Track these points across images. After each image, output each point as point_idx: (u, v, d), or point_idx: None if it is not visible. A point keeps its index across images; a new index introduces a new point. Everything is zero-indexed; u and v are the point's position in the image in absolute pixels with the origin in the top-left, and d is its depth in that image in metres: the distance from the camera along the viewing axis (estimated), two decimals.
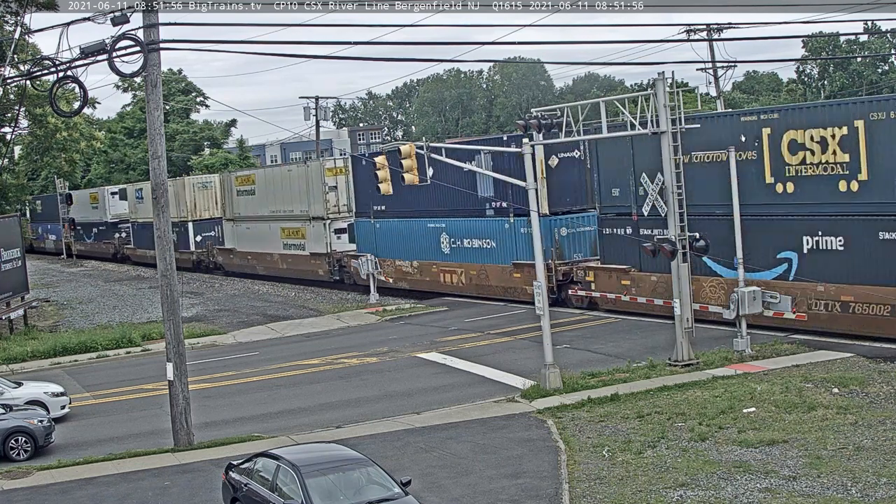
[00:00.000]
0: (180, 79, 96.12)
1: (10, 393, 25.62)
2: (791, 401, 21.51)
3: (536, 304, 25.84)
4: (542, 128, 27.20)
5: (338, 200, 50.49)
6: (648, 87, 57.73)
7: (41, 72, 23.81)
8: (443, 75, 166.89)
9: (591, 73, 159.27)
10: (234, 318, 44.00)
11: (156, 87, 21.92)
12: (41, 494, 19.49)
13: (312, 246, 52.37)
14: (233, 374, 31.16)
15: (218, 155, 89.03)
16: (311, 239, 52.39)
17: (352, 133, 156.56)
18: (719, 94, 54.70)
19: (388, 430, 22.36)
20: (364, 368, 30.34)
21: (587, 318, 35.22)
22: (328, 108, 74.50)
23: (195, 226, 66.71)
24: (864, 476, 16.59)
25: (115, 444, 23.31)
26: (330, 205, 50.76)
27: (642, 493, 16.72)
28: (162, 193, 22.63)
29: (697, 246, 26.77)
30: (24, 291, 46.22)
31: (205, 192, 66.30)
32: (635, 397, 23.25)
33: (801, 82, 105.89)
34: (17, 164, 62.25)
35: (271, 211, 56.05)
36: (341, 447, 16.97)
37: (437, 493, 17.55)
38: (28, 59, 37.86)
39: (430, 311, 40.91)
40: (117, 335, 38.20)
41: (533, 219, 26.08)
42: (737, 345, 26.84)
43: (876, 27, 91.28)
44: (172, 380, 22.31)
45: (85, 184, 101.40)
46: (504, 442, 20.61)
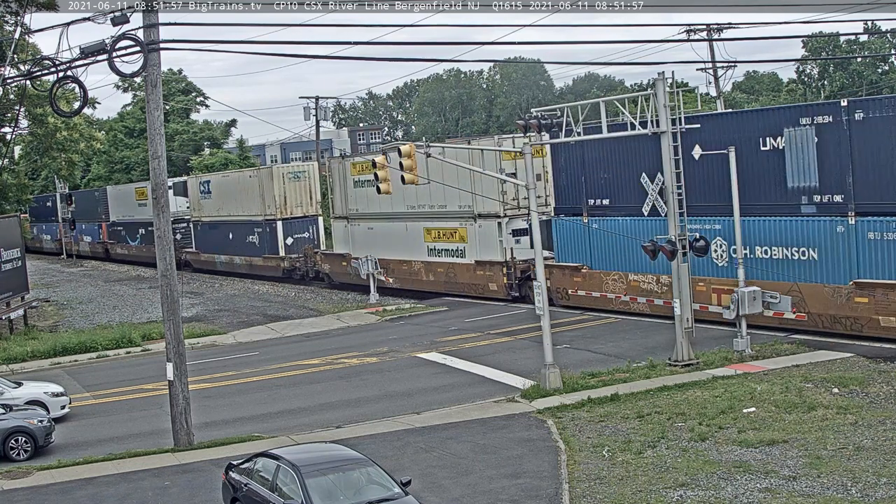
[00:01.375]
0: (180, 79, 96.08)
1: (10, 393, 25.63)
2: (791, 401, 21.51)
3: (536, 304, 25.84)
4: (542, 128, 27.21)
5: (517, 193, 39.18)
6: (648, 87, 57.73)
7: (41, 72, 23.80)
8: (443, 75, 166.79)
9: (591, 73, 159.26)
10: (234, 318, 44.00)
11: (156, 87, 21.92)
12: (41, 494, 19.49)
13: (479, 252, 41.29)
14: (233, 374, 31.15)
15: (218, 155, 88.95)
16: (476, 243, 41.42)
17: (352, 133, 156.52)
18: (719, 94, 54.71)
19: (388, 430, 22.36)
20: (364, 368, 30.34)
21: (587, 318, 35.21)
22: (328, 108, 74.53)
23: (285, 225, 55.93)
24: (864, 476, 16.59)
25: (115, 444, 23.32)
26: (508, 198, 39.62)
27: (642, 493, 16.72)
28: (162, 193, 22.62)
29: (697, 246, 26.78)
30: (24, 291, 46.25)
31: (296, 184, 55.95)
32: (635, 397, 23.25)
33: (801, 82, 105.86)
34: (17, 164, 62.24)
35: (409, 207, 44.46)
36: (341, 447, 16.97)
37: (437, 493, 17.55)
38: (28, 59, 37.86)
39: (430, 311, 40.90)
40: (117, 335, 38.21)
41: (532, 218, 26.07)
42: (737, 345, 26.84)
43: (876, 27, 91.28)
44: (172, 380, 22.31)
45: (85, 184, 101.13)
46: (504, 442, 20.60)
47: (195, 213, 66.04)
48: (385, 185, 28.89)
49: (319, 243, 55.24)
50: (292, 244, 55.70)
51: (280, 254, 55.51)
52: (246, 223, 59.04)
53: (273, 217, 55.72)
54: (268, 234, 56.32)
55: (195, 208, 65.98)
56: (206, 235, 65.20)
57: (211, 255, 64.08)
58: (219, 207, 62.76)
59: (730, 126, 30.76)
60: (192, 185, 66.90)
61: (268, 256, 56.26)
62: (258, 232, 57.51)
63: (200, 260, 65.81)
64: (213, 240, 63.94)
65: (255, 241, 57.99)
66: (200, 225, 65.67)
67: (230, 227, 61.32)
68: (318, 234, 56.19)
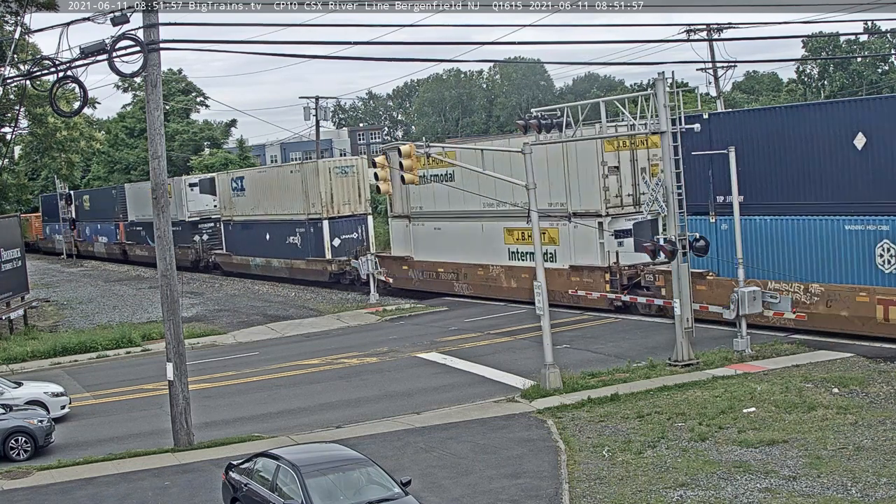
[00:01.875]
0: (180, 79, 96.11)
1: (10, 393, 25.62)
2: (791, 401, 21.51)
3: (536, 304, 25.84)
4: (542, 128, 27.21)
5: (620, 189, 35.35)
6: (648, 87, 57.73)
7: (41, 72, 23.81)
8: (443, 75, 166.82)
9: (591, 73, 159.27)
10: (234, 318, 43.99)
11: (156, 87, 21.92)
12: (41, 494, 19.49)
13: (573, 256, 36.46)
14: (233, 374, 31.15)
15: (218, 155, 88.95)
16: (570, 245, 36.53)
17: (352, 133, 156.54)
18: (719, 94, 54.70)
19: (388, 430, 22.36)
20: (364, 368, 30.34)
21: (587, 318, 35.20)
22: (328, 108, 74.47)
23: (332, 225, 50.97)
24: (864, 476, 16.59)
25: (115, 444, 23.31)
26: (610, 195, 35.30)
27: (642, 493, 16.72)
28: (162, 193, 22.62)
29: (697, 246, 26.79)
30: (24, 291, 46.26)
31: (344, 179, 50.70)
32: (635, 397, 23.25)
33: (801, 82, 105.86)
34: (17, 164, 62.23)
35: (487, 205, 39.02)
36: (341, 447, 16.96)
37: (437, 493, 17.55)
38: (28, 59, 37.87)
39: (430, 311, 40.88)
40: (117, 335, 38.20)
41: (532, 218, 26.07)
42: (737, 345, 26.84)
43: (876, 27, 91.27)
44: (172, 380, 22.31)
45: (85, 184, 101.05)
46: (504, 442, 20.60)
47: (226, 212, 61.09)
48: (385, 186, 28.91)
49: (369, 245, 50.42)
50: (340, 246, 50.68)
51: (326, 256, 50.72)
52: (286, 223, 54.30)
53: (318, 216, 50.86)
54: (312, 234, 51.58)
55: (225, 206, 60.98)
56: (238, 236, 60.17)
57: (245, 258, 59.03)
58: (254, 206, 57.87)
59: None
60: (222, 181, 62.20)
61: (312, 259, 51.57)
62: (300, 232, 52.84)
63: (232, 262, 61.14)
64: (248, 241, 58.95)
65: (296, 242, 53.60)
66: (232, 224, 60.60)
67: (267, 227, 56.43)
68: (367, 234, 50.93)
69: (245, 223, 58.98)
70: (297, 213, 53.31)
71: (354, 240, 50.87)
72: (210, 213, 63.72)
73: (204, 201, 64.33)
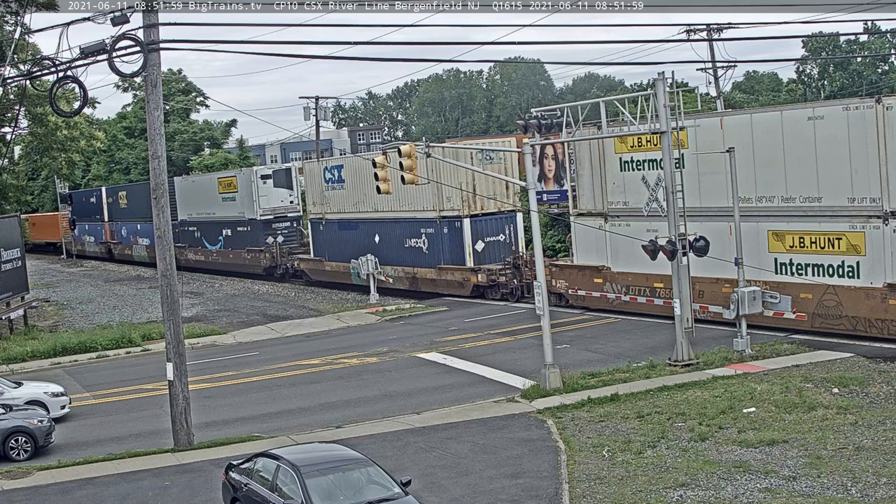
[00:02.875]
0: (180, 79, 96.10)
1: (10, 393, 25.64)
2: (791, 401, 21.51)
3: (536, 304, 25.85)
4: (542, 128, 27.23)
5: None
6: (648, 87, 57.72)
7: (41, 72, 23.84)
8: (443, 75, 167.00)
9: (591, 73, 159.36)
10: (234, 318, 44.00)
11: (156, 87, 21.92)
12: (41, 494, 19.49)
13: (892, 270, 26.83)
14: (233, 374, 31.16)
15: (218, 155, 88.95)
16: (884, 256, 26.93)
17: (352, 133, 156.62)
18: (719, 94, 54.69)
19: (388, 430, 22.36)
20: (364, 368, 30.34)
21: (587, 318, 35.21)
22: (328, 108, 74.43)
23: (474, 225, 41.77)
24: (864, 476, 16.59)
25: (115, 444, 23.31)
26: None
27: (642, 493, 16.72)
28: (162, 193, 22.63)
29: (697, 246, 26.78)
30: (24, 291, 46.28)
31: (489, 168, 40.41)
32: (635, 397, 23.25)
33: (801, 82, 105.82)
34: (17, 164, 62.24)
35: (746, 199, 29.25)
36: (341, 447, 16.96)
37: (437, 493, 17.55)
38: (28, 59, 37.91)
39: (430, 311, 40.88)
40: (117, 335, 38.23)
41: (532, 218, 26.09)
42: (737, 345, 26.84)
43: (876, 27, 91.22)
44: (172, 380, 22.31)
45: (85, 184, 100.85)
46: (504, 442, 20.61)
47: (315, 209, 51.64)
48: (385, 185, 28.87)
49: (519, 248, 42.09)
50: (483, 250, 41.45)
51: (467, 263, 41.50)
52: (407, 222, 44.58)
53: (455, 213, 41.52)
54: (445, 236, 42.15)
55: (316, 203, 51.37)
56: (333, 238, 50.19)
57: (343, 264, 49.23)
58: (357, 201, 47.96)
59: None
60: (312, 171, 51.94)
61: (446, 268, 42.40)
62: (427, 234, 43.50)
63: (324, 270, 51.04)
64: (346, 244, 49.08)
65: (421, 245, 44.36)
66: (325, 224, 50.94)
67: (376, 226, 46.94)
68: (516, 236, 42.35)
69: (344, 222, 49.15)
70: (423, 210, 43.40)
71: (501, 243, 41.92)
72: (286, 211, 55.37)
73: (278, 196, 55.42)
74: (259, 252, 55.61)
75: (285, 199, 55.90)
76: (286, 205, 55.78)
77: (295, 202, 56.08)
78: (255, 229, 55.69)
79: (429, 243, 43.71)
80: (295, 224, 56.17)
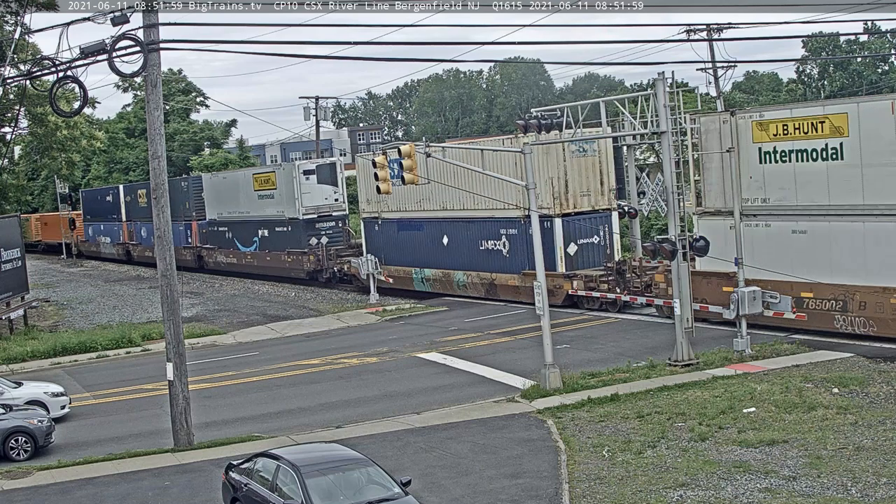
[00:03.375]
0: (180, 79, 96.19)
1: (10, 393, 25.64)
2: (791, 401, 21.51)
3: (536, 304, 25.84)
4: (542, 128, 27.24)
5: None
6: (648, 88, 57.74)
7: (41, 72, 23.84)
8: (442, 75, 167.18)
9: (591, 73, 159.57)
10: (234, 318, 43.99)
11: (156, 87, 21.92)
12: (41, 494, 19.49)
13: None
14: (233, 374, 31.15)
15: (218, 155, 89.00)
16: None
17: (352, 133, 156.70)
18: (719, 94, 54.72)
19: (388, 430, 22.36)
20: (364, 368, 30.34)
21: (587, 318, 35.20)
22: (328, 108, 74.42)
23: (566, 225, 37.13)
24: (864, 476, 16.59)
25: (115, 444, 23.31)
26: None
27: (642, 493, 16.72)
28: (162, 193, 22.62)
29: (697, 246, 26.80)
30: (24, 291, 46.27)
31: (582, 161, 36.91)
32: (635, 397, 23.25)
33: (801, 82, 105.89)
34: (17, 164, 62.25)
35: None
36: (341, 447, 16.96)
37: (437, 493, 17.55)
38: (28, 59, 37.92)
39: (430, 311, 40.87)
40: (117, 335, 38.22)
41: (533, 218, 26.08)
42: (737, 345, 26.84)
43: (876, 27, 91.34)
44: (172, 380, 22.31)
45: (85, 184, 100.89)
46: (504, 442, 20.60)
47: (369, 207, 47.11)
48: (385, 185, 28.81)
49: (613, 252, 38.07)
50: (576, 254, 37.19)
51: (558, 269, 36.52)
52: (482, 221, 40.01)
53: (545, 212, 35.98)
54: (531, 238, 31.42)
55: (370, 200, 46.50)
56: (392, 239, 45.53)
57: (403, 269, 45.00)
58: (422, 198, 43.33)
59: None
60: (366, 166, 44.73)
61: (532, 273, 32.59)
62: (508, 235, 38.84)
63: (395, 276, 46.12)
64: (409, 246, 44.69)
65: (500, 248, 40.07)
66: (381, 224, 46.62)
67: (445, 226, 42.41)
68: (611, 238, 38.19)
69: (405, 222, 44.38)
70: (503, 208, 37.87)
71: (596, 246, 37.49)
72: (330, 209, 50.91)
73: (322, 193, 50.35)
74: (302, 254, 51.03)
75: (329, 196, 51.18)
76: (330, 202, 51.21)
77: (340, 200, 51.57)
78: (297, 229, 51.05)
79: (510, 245, 38.50)
80: (340, 224, 51.67)
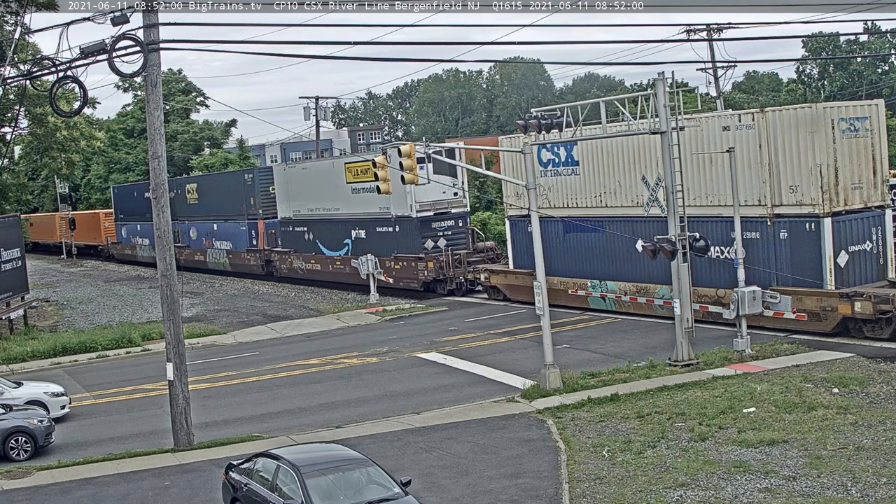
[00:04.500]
0: (180, 79, 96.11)
1: (10, 393, 25.64)
2: (791, 401, 21.51)
3: (536, 304, 25.84)
4: (542, 128, 27.20)
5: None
6: (648, 87, 57.72)
7: (41, 72, 23.84)
8: (442, 75, 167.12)
9: (591, 73, 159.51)
10: (234, 318, 43.99)
11: (156, 87, 21.92)
12: (41, 494, 19.49)
13: None
14: (233, 374, 31.15)
15: (218, 155, 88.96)
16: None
17: (352, 133, 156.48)
18: (719, 94, 54.70)
19: (388, 430, 22.36)
20: (364, 368, 30.34)
21: (587, 318, 35.20)
22: (328, 108, 74.41)
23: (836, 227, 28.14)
24: (864, 476, 16.59)
25: (115, 444, 23.32)
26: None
27: (642, 493, 16.72)
28: (162, 193, 22.63)
29: (697, 246, 26.78)
30: (24, 291, 46.27)
31: (851, 142, 28.33)
32: (635, 397, 23.25)
33: (801, 82, 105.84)
34: (17, 164, 62.25)
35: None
36: (341, 447, 16.96)
37: (437, 493, 17.55)
38: (28, 59, 37.93)
39: (430, 311, 40.86)
40: (117, 335, 38.23)
41: (532, 218, 26.07)
42: (737, 345, 26.84)
43: (876, 27, 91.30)
44: (172, 380, 22.31)
45: (85, 184, 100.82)
46: (504, 442, 20.60)
47: (518, 203, 38.00)
48: (385, 186, 28.85)
49: (887, 262, 29.21)
50: (846, 265, 28.26)
51: (827, 285, 27.93)
52: (705, 222, 30.56)
53: (807, 210, 28.19)
54: (783, 244, 29.00)
55: (520, 194, 36.93)
56: (556, 244, 36.31)
57: (574, 281, 36.27)
58: (602, 192, 35.16)
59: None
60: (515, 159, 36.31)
61: (792, 291, 28.26)
62: (747, 240, 28.91)
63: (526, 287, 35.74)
64: (581, 252, 36.15)
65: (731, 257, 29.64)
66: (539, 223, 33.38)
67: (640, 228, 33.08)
68: (884, 243, 29.21)
69: (574, 222, 35.53)
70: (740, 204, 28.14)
71: (868, 254, 28.81)
72: (448, 205, 42.90)
73: (438, 187, 41.20)
74: (415, 260, 42.47)
75: (447, 190, 42.45)
76: (448, 197, 42.70)
77: (459, 194, 43.28)
78: (407, 230, 42.81)
79: (748, 253, 28.92)
80: (461, 223, 43.36)
